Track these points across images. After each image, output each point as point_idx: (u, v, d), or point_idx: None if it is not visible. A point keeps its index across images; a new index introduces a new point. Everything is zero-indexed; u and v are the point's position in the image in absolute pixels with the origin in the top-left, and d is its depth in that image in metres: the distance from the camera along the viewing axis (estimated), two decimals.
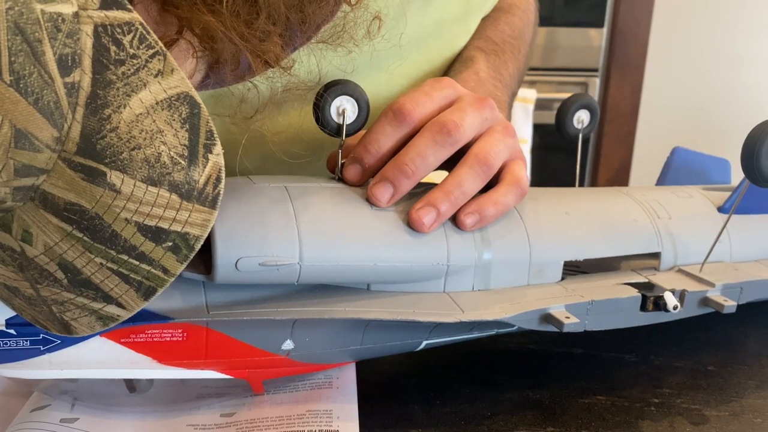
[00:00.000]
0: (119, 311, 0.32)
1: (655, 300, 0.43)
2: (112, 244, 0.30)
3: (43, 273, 0.31)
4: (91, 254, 0.30)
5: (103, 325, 0.32)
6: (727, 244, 0.49)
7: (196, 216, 0.30)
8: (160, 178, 0.30)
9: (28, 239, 0.30)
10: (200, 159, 0.30)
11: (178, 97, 0.29)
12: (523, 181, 0.42)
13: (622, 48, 1.79)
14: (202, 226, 0.31)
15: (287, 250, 0.36)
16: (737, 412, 0.43)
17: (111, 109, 0.28)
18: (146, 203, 0.30)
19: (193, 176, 0.30)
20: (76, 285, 0.31)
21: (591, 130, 0.54)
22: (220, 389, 0.41)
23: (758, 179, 0.41)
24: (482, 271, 0.41)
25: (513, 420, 0.41)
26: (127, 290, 0.31)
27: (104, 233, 0.29)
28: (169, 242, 0.30)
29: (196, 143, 0.30)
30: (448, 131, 0.39)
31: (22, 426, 0.37)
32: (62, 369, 0.35)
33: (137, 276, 0.31)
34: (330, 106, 0.39)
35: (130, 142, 0.29)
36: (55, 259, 0.30)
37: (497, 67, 0.58)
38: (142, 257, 0.30)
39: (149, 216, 0.30)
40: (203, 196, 0.30)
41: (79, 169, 0.28)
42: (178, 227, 0.30)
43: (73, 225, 0.29)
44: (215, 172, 0.31)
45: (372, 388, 0.42)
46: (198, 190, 0.30)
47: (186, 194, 0.30)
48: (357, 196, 0.39)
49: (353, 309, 0.38)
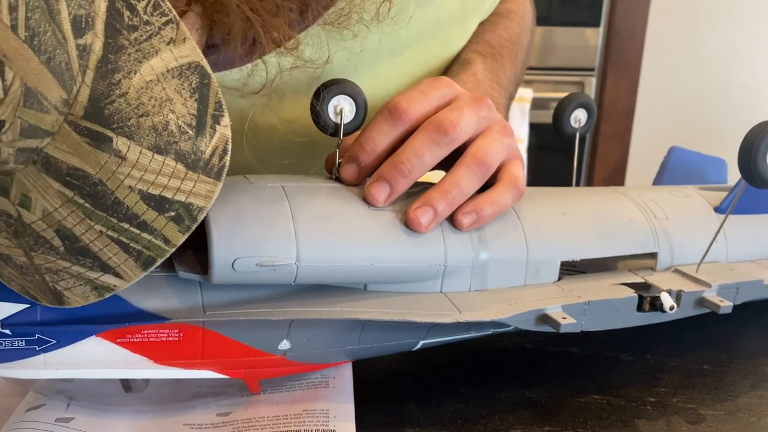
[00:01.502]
0: (116, 281, 0.31)
1: (651, 300, 0.43)
2: (113, 211, 0.29)
3: (39, 240, 0.30)
4: (91, 221, 0.29)
5: (98, 296, 0.32)
6: (724, 245, 0.49)
7: (200, 186, 0.30)
8: (166, 147, 0.29)
9: (27, 204, 0.29)
10: (208, 129, 0.30)
11: (189, 66, 0.29)
12: (521, 181, 0.42)
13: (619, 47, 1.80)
14: (206, 197, 0.30)
15: (284, 251, 0.36)
16: (733, 411, 0.43)
17: (121, 74, 0.28)
18: (151, 171, 0.29)
19: (200, 146, 0.30)
20: (73, 253, 0.30)
21: (588, 129, 0.54)
22: (217, 388, 0.41)
23: (755, 180, 0.41)
24: (479, 271, 0.41)
25: (509, 419, 0.41)
26: (126, 260, 0.30)
27: (106, 200, 0.29)
28: (172, 212, 0.30)
29: (204, 113, 0.30)
30: (444, 130, 0.39)
31: (17, 425, 0.37)
32: (57, 369, 0.35)
33: (137, 245, 0.30)
34: (327, 105, 0.39)
35: (139, 108, 0.29)
36: (53, 226, 0.30)
37: (495, 70, 0.58)
38: (144, 226, 0.30)
39: (153, 184, 0.29)
40: (209, 167, 0.30)
41: (85, 134, 0.28)
42: (182, 197, 0.30)
43: (74, 191, 0.29)
44: (222, 143, 0.30)
45: (368, 388, 0.42)
46: (204, 161, 0.30)
47: (192, 164, 0.30)
48: (354, 196, 0.39)
49: (350, 309, 0.38)
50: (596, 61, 1.79)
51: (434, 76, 0.43)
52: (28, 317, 0.34)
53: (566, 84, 1.78)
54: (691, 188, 0.53)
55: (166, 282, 0.37)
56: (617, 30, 1.78)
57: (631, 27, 1.79)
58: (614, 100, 1.83)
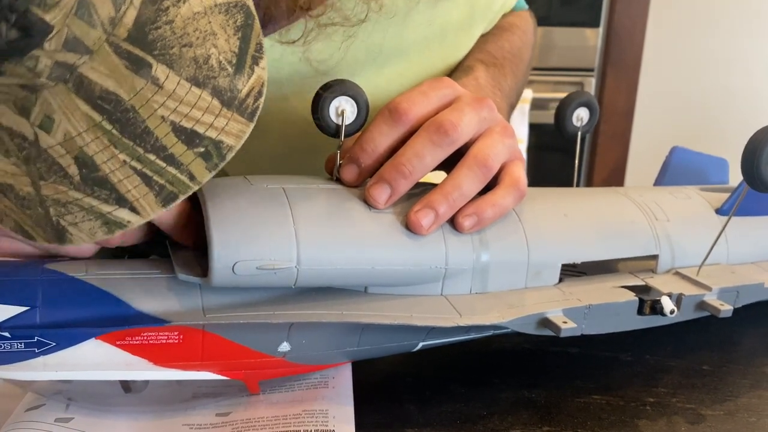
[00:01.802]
0: (131, 216, 0.30)
1: (652, 304, 0.43)
2: (141, 141, 0.29)
3: (53, 167, 0.29)
4: (115, 150, 0.29)
5: (106, 232, 0.30)
6: (724, 247, 0.49)
7: (233, 125, 0.30)
8: (205, 81, 0.29)
9: (48, 126, 0.29)
10: (246, 69, 0.30)
11: (236, 4, 0.30)
12: (522, 182, 0.42)
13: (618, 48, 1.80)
14: (237, 137, 0.30)
15: (284, 254, 0.36)
16: (732, 411, 0.43)
17: (170, 1, 0.28)
18: (186, 103, 0.29)
19: (237, 85, 0.30)
20: (89, 183, 0.29)
21: (590, 128, 0.54)
22: (216, 389, 0.41)
23: (758, 185, 0.41)
24: (480, 273, 0.41)
25: (509, 419, 0.41)
26: (146, 194, 0.30)
27: (136, 128, 0.29)
28: (202, 147, 0.30)
29: (245, 52, 0.30)
30: (445, 131, 0.39)
31: (16, 426, 0.37)
32: (57, 371, 0.35)
33: (161, 179, 0.29)
34: (329, 106, 0.39)
35: (183, 38, 0.28)
36: (72, 152, 0.29)
37: (497, 78, 0.58)
38: (171, 159, 0.29)
39: (187, 117, 0.29)
40: (243, 107, 0.30)
41: (125, 57, 0.28)
42: (213, 133, 0.30)
43: (104, 115, 0.28)
44: (258, 85, 0.30)
45: (368, 388, 0.42)
46: (239, 100, 0.30)
47: (227, 101, 0.30)
48: (354, 198, 0.39)
49: (350, 312, 0.37)
50: (596, 61, 1.80)
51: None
52: (27, 320, 0.34)
53: (566, 84, 1.78)
54: (692, 189, 0.53)
55: (166, 284, 0.37)
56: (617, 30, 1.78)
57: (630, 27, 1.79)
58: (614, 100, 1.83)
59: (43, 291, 0.35)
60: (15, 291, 0.34)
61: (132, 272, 0.37)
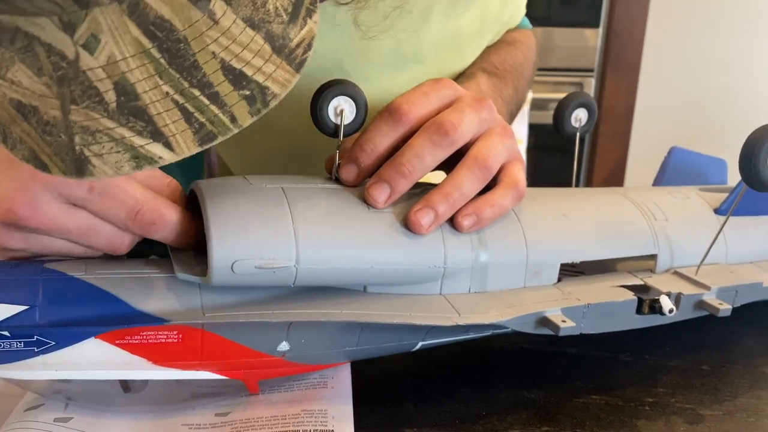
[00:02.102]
0: (164, 153, 0.29)
1: (650, 303, 0.43)
2: (188, 74, 0.28)
3: (89, 91, 0.28)
4: (159, 80, 0.28)
5: (134, 167, 0.29)
6: (723, 246, 0.49)
7: (280, 73, 0.30)
8: (260, 24, 0.29)
9: (92, 47, 0.28)
10: (300, 20, 0.30)
11: None
12: (521, 183, 0.42)
13: (618, 48, 1.80)
14: (283, 86, 0.30)
15: (283, 253, 0.36)
16: (731, 411, 0.43)
17: None
18: (239, 43, 0.29)
19: (290, 33, 0.30)
20: (126, 112, 0.28)
21: (589, 129, 0.54)
22: (215, 389, 0.41)
23: (756, 184, 0.41)
24: (479, 273, 0.41)
25: (508, 419, 0.41)
26: (184, 130, 0.29)
27: (185, 61, 0.28)
28: (248, 90, 0.29)
29: (301, 3, 0.30)
30: (446, 132, 0.39)
31: (15, 425, 0.37)
32: (56, 370, 0.35)
33: (201, 117, 0.29)
34: (327, 105, 0.39)
35: None
36: (113, 76, 0.28)
37: (498, 86, 0.59)
38: (215, 98, 0.29)
39: (237, 57, 0.29)
40: (293, 56, 0.30)
41: None
42: (260, 78, 0.30)
43: (154, 42, 0.28)
44: (309, 37, 0.31)
45: (367, 388, 0.42)
46: (290, 49, 0.30)
47: (278, 48, 0.30)
48: (354, 198, 0.39)
49: (349, 312, 0.37)
50: (595, 61, 1.80)
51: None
52: (27, 319, 0.34)
53: (565, 85, 1.78)
54: (691, 189, 0.53)
55: (166, 284, 0.37)
56: (616, 31, 1.78)
57: (630, 28, 1.79)
58: (613, 100, 1.83)
59: (42, 290, 0.35)
60: (15, 290, 0.35)
61: (131, 271, 0.37)
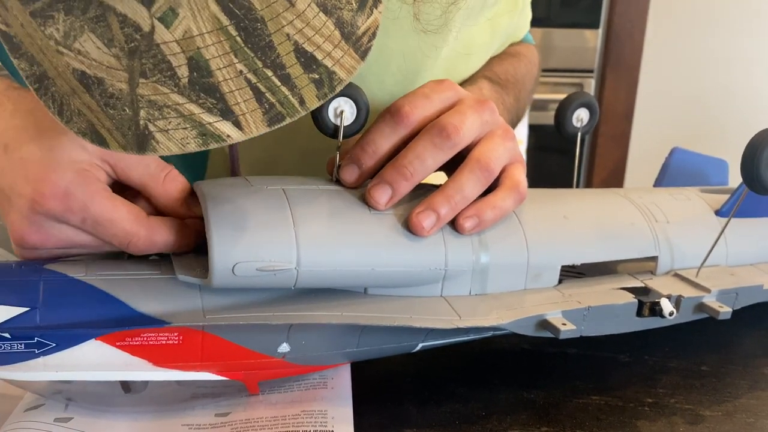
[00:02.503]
0: (232, 131, 0.29)
1: (651, 306, 0.43)
2: (263, 54, 0.29)
3: (160, 65, 0.28)
4: (234, 58, 0.29)
5: (200, 144, 0.29)
6: (724, 248, 0.49)
7: (347, 59, 0.31)
8: (332, 9, 0.30)
9: (168, 20, 0.28)
10: (368, 9, 0.31)
11: None
12: (522, 185, 0.42)
13: (618, 49, 1.80)
14: (349, 72, 0.31)
15: (284, 256, 0.36)
16: (730, 412, 0.43)
17: None
18: (312, 27, 0.30)
19: (357, 21, 0.31)
20: (197, 88, 0.29)
21: (590, 129, 0.54)
22: (215, 389, 0.41)
23: (757, 188, 0.41)
24: (479, 275, 0.41)
25: (507, 420, 0.41)
26: (254, 110, 0.29)
27: (261, 41, 0.29)
28: (317, 74, 0.30)
29: None
30: (447, 135, 0.39)
31: (16, 426, 0.37)
32: (57, 371, 0.35)
33: (272, 97, 0.30)
34: (327, 106, 0.39)
35: None
36: (188, 51, 0.28)
37: (500, 93, 0.59)
38: (286, 79, 0.30)
39: (309, 41, 0.30)
40: (359, 44, 0.31)
41: None
42: (329, 62, 0.31)
43: (232, 20, 0.28)
44: (374, 26, 0.32)
45: (367, 389, 0.42)
46: (357, 36, 0.31)
47: (347, 35, 0.31)
48: (355, 199, 0.39)
49: (350, 314, 0.37)
50: (595, 62, 1.80)
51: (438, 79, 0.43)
52: (28, 320, 0.34)
53: (565, 85, 1.78)
54: (692, 190, 0.53)
55: (166, 285, 0.37)
56: (616, 31, 1.78)
57: (630, 28, 1.79)
58: (613, 101, 1.83)
59: (43, 292, 0.35)
60: (15, 292, 0.35)
61: (132, 273, 0.37)
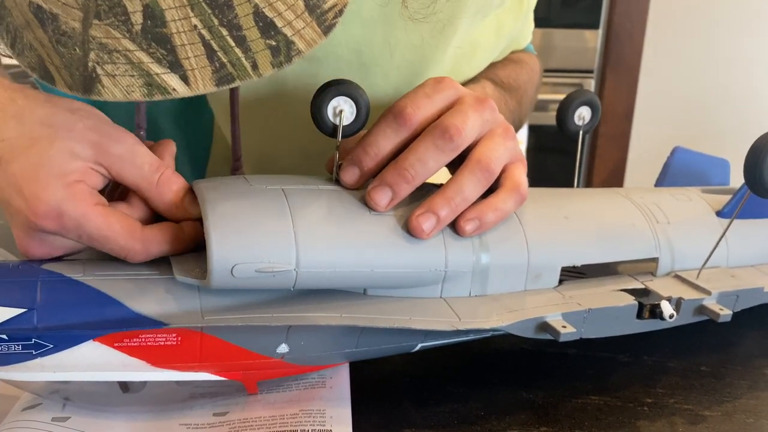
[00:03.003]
0: (179, 85, 0.29)
1: (651, 308, 0.43)
2: (220, 12, 0.29)
3: (116, 8, 0.28)
4: (191, 12, 0.28)
5: (145, 95, 0.29)
6: (725, 249, 0.49)
7: (308, 31, 0.31)
8: None
9: None
10: None
11: None
12: (523, 186, 0.42)
13: (618, 49, 1.80)
14: (308, 44, 0.31)
15: (283, 257, 0.35)
16: (730, 413, 0.43)
17: None
18: None
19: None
20: (149, 37, 0.28)
21: (592, 127, 0.54)
22: (213, 389, 0.41)
23: (761, 191, 0.40)
24: (479, 276, 0.41)
25: (506, 420, 0.41)
26: (204, 66, 0.29)
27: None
28: (274, 41, 0.30)
29: None
30: (450, 137, 0.39)
31: (13, 425, 0.37)
32: (54, 372, 0.35)
33: (224, 57, 0.29)
34: (327, 105, 0.39)
35: None
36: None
37: (503, 95, 0.59)
38: (241, 41, 0.29)
39: (271, 6, 0.29)
40: (323, 18, 0.31)
41: None
42: (289, 31, 0.30)
43: None
44: (341, 4, 0.31)
45: (365, 388, 0.42)
46: (322, 11, 0.31)
47: (311, 8, 0.31)
48: (355, 200, 0.39)
49: (349, 315, 0.37)
50: (595, 62, 1.80)
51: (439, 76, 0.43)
52: (25, 321, 0.34)
53: (565, 86, 1.77)
54: (693, 190, 0.53)
55: (165, 286, 0.37)
56: (616, 32, 1.78)
57: (630, 29, 1.79)
58: (613, 101, 1.83)
59: (41, 293, 0.35)
60: (13, 293, 0.34)
61: (130, 274, 0.37)
